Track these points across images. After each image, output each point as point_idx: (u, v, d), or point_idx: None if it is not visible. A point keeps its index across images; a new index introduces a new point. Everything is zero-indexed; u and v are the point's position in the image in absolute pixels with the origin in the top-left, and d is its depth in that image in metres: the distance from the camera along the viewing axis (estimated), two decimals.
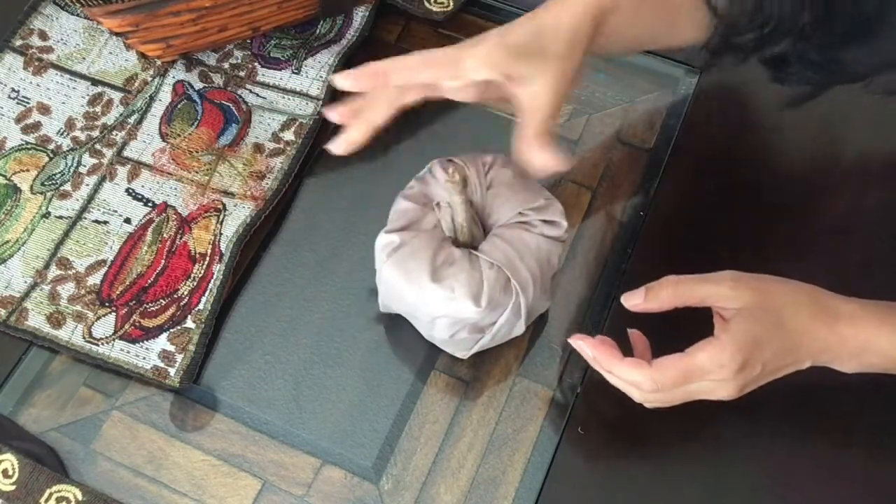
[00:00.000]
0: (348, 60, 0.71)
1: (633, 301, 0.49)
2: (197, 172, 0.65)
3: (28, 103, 0.68)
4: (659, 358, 0.47)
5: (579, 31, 0.48)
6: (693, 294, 0.48)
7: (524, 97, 0.48)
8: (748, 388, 0.47)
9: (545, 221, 0.54)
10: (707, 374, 0.46)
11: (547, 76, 0.47)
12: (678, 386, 0.47)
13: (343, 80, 0.50)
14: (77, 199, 0.64)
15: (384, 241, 0.53)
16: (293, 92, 0.69)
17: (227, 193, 0.64)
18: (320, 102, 0.68)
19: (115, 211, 0.64)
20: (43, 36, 0.71)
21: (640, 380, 0.47)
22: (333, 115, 0.52)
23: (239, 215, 0.63)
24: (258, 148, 0.66)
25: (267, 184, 0.65)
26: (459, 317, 0.52)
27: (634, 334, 0.52)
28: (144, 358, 0.58)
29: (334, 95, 0.69)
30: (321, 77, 0.69)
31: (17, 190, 0.65)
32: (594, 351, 0.49)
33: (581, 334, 0.51)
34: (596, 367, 0.50)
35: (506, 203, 0.54)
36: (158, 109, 0.68)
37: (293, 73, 0.70)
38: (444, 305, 0.51)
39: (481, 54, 0.47)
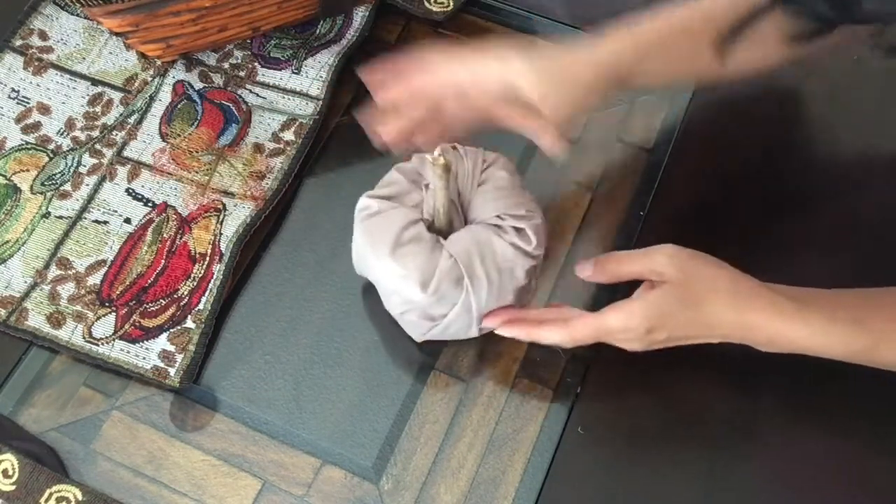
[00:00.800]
0: (348, 60, 0.71)
1: (585, 272, 0.53)
2: (197, 172, 0.65)
3: (28, 103, 0.68)
4: (573, 319, 0.51)
5: (591, 88, 0.53)
6: (632, 268, 0.52)
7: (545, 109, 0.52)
8: (653, 347, 0.52)
9: (518, 230, 0.53)
10: (616, 333, 0.51)
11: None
12: (592, 340, 0.52)
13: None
14: (77, 199, 0.64)
15: (363, 203, 0.55)
16: (293, 92, 0.69)
17: (227, 193, 0.64)
18: (320, 102, 0.68)
19: (115, 211, 0.64)
20: (43, 36, 0.71)
21: (560, 339, 0.52)
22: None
23: (239, 215, 0.63)
24: (258, 148, 0.66)
25: (267, 184, 0.65)
26: (408, 297, 0.53)
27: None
28: (144, 358, 0.58)
29: (334, 96, 0.69)
30: (321, 77, 0.69)
31: (17, 190, 0.65)
32: (513, 330, 0.54)
33: (492, 317, 0.54)
34: (521, 338, 0.54)
35: (489, 203, 0.54)
36: (158, 109, 0.68)
37: (293, 73, 0.70)
38: (396, 281, 0.52)
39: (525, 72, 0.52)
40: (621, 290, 0.52)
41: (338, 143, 0.68)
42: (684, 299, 0.49)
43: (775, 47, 0.55)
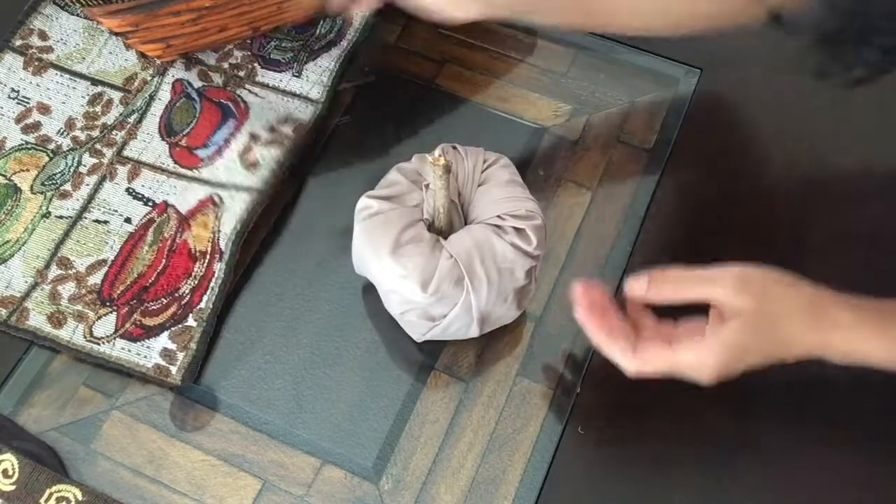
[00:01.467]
0: (349, 63, 0.71)
1: (636, 290, 0.49)
2: (195, 168, 0.65)
3: (28, 103, 0.68)
4: (645, 346, 0.48)
5: None
6: (694, 292, 0.48)
7: None
8: (726, 379, 0.48)
9: (518, 230, 0.54)
10: (689, 370, 0.48)
11: None
12: (658, 374, 0.49)
13: None
14: (77, 199, 0.64)
15: (363, 203, 0.55)
16: (293, 94, 0.69)
17: (222, 186, 0.64)
18: (321, 105, 0.68)
19: (116, 210, 0.64)
20: (43, 36, 0.71)
21: (625, 366, 0.49)
22: None
23: (235, 209, 0.63)
24: (254, 138, 0.66)
25: (262, 173, 0.64)
26: (408, 297, 0.53)
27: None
28: (146, 356, 0.58)
29: (335, 100, 0.69)
30: (322, 81, 0.69)
31: (17, 190, 0.65)
32: (586, 318, 0.50)
33: (583, 287, 0.50)
34: (588, 332, 0.51)
35: (490, 203, 0.54)
36: (158, 109, 0.68)
37: (293, 76, 0.70)
38: (396, 281, 0.52)
39: None
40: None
41: (338, 143, 0.68)
42: (761, 329, 0.46)
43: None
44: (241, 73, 0.70)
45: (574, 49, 0.72)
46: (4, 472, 0.54)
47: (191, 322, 0.59)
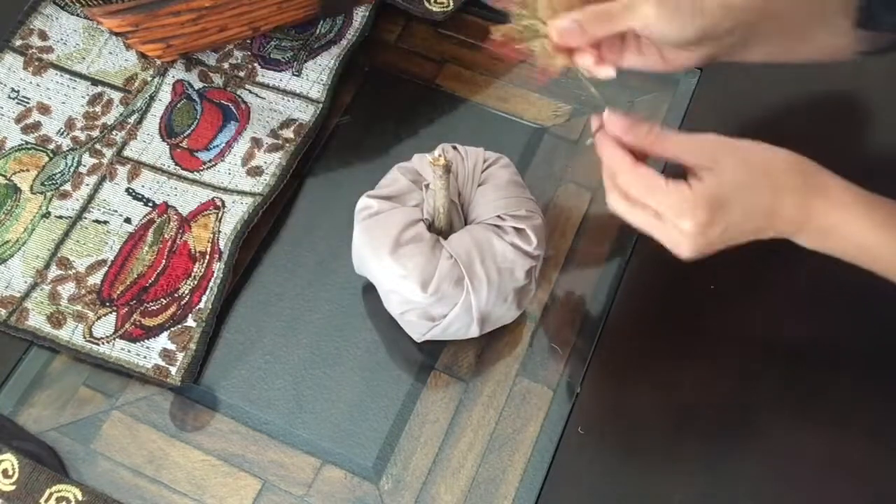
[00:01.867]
0: (349, 62, 0.71)
1: (613, 127, 0.47)
2: (196, 171, 0.65)
3: (28, 103, 0.68)
4: (643, 166, 0.46)
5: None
6: (672, 142, 0.46)
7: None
8: (706, 250, 0.46)
9: (517, 230, 0.54)
10: (667, 208, 0.45)
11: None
12: (638, 205, 0.46)
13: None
14: (77, 199, 0.64)
15: (363, 203, 0.55)
16: (293, 94, 0.69)
17: (225, 190, 0.64)
18: (321, 105, 0.68)
19: (116, 211, 0.64)
20: (43, 36, 0.71)
21: (616, 171, 0.47)
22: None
23: (237, 212, 0.63)
24: (256, 143, 0.66)
25: (265, 179, 0.65)
26: (408, 297, 0.53)
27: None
28: (145, 357, 0.58)
29: (335, 97, 0.69)
30: (322, 80, 0.69)
31: (17, 190, 0.65)
32: (610, 119, 0.47)
33: (615, 116, 0.47)
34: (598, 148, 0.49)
35: (490, 203, 0.54)
36: (158, 109, 0.68)
37: (293, 75, 0.70)
38: (396, 281, 0.52)
39: None
40: (616, 306, 0.51)
41: (338, 143, 0.68)
42: (743, 182, 0.44)
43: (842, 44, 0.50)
44: (241, 74, 0.70)
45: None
46: (4, 472, 0.54)
47: (190, 322, 0.59)
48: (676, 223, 0.45)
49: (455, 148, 0.56)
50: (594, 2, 0.47)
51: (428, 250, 0.52)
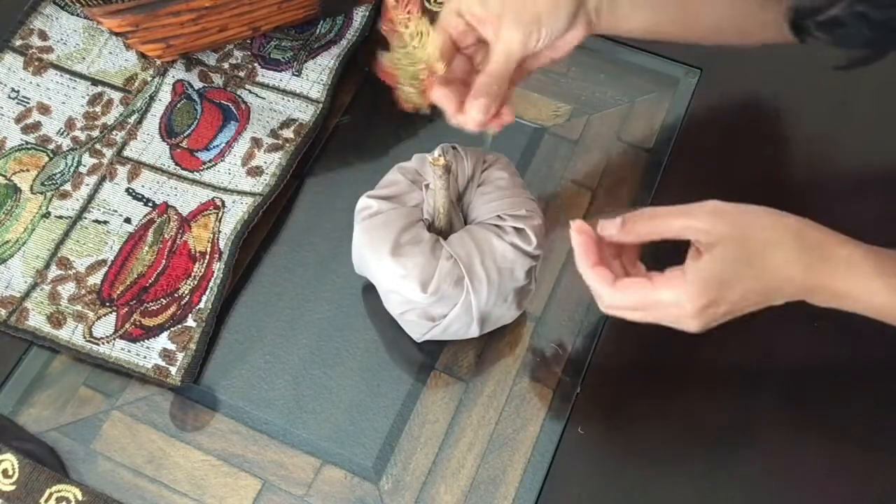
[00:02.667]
0: (349, 62, 0.71)
1: (609, 231, 0.47)
2: (196, 171, 0.65)
3: (28, 103, 0.68)
4: (625, 279, 0.46)
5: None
6: (669, 227, 0.45)
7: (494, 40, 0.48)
8: (712, 325, 0.45)
9: (518, 230, 0.53)
10: (667, 308, 0.44)
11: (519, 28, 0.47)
12: (637, 311, 0.46)
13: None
14: (77, 199, 0.64)
15: (362, 203, 0.55)
16: (293, 94, 0.69)
17: (225, 190, 0.64)
18: (321, 105, 0.68)
19: (116, 211, 0.64)
20: (43, 36, 0.71)
21: (601, 294, 0.46)
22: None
23: (237, 212, 0.63)
24: (256, 143, 0.66)
25: (265, 180, 0.65)
26: (408, 297, 0.53)
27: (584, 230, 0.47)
28: (145, 357, 0.58)
29: (335, 96, 0.69)
30: (322, 80, 0.69)
31: (17, 190, 0.65)
32: (577, 242, 0.47)
33: (581, 223, 0.47)
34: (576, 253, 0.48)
35: (489, 203, 0.54)
36: (158, 109, 0.68)
37: (293, 75, 0.70)
38: (396, 282, 0.52)
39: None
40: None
41: (338, 143, 0.68)
42: (743, 259, 0.43)
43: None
44: (241, 74, 0.70)
45: (574, 49, 0.71)
46: (4, 472, 0.54)
47: (190, 322, 0.59)
48: (677, 315, 0.44)
49: (455, 148, 0.56)
50: (467, 48, 0.50)
51: (428, 250, 0.52)
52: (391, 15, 0.49)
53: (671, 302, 0.44)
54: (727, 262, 0.43)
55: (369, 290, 0.60)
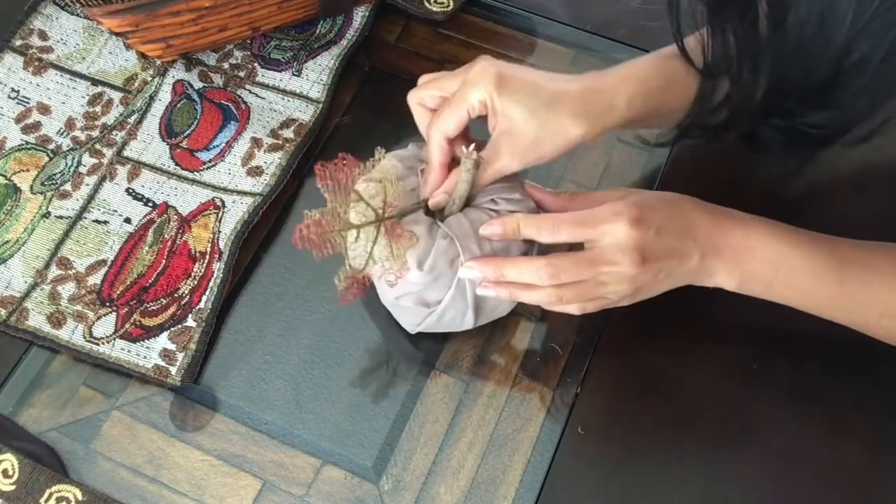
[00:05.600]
0: (349, 62, 0.71)
1: (540, 195, 0.53)
2: (196, 171, 0.65)
3: (28, 103, 0.68)
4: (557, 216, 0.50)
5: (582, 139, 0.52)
6: (586, 197, 0.51)
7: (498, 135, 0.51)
8: (643, 289, 0.50)
9: (512, 213, 0.52)
10: (603, 223, 0.48)
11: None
12: (575, 266, 0.49)
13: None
14: (77, 199, 0.64)
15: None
16: (293, 94, 0.69)
17: (225, 190, 0.64)
18: (321, 105, 0.68)
19: (116, 211, 0.64)
20: (43, 36, 0.71)
21: (537, 267, 0.49)
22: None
23: (237, 212, 0.63)
24: (256, 143, 0.66)
25: (265, 179, 0.65)
26: (404, 278, 0.52)
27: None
28: (145, 357, 0.58)
29: (335, 98, 0.69)
30: (322, 80, 0.69)
31: (17, 190, 0.65)
32: (482, 267, 0.51)
33: (470, 263, 0.51)
34: (491, 288, 0.52)
35: (486, 190, 0.54)
36: (158, 109, 0.68)
37: (293, 75, 0.70)
38: None
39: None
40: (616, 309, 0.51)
41: (338, 143, 0.68)
42: (661, 199, 0.50)
43: None
44: (241, 74, 0.70)
45: (574, 49, 0.72)
46: (4, 472, 0.54)
47: (190, 322, 0.59)
48: (611, 243, 0.48)
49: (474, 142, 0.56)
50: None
51: (425, 231, 0.52)
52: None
53: (605, 214, 0.48)
54: (647, 196, 0.50)
55: (369, 290, 0.60)
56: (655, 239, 0.48)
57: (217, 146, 0.66)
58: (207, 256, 0.62)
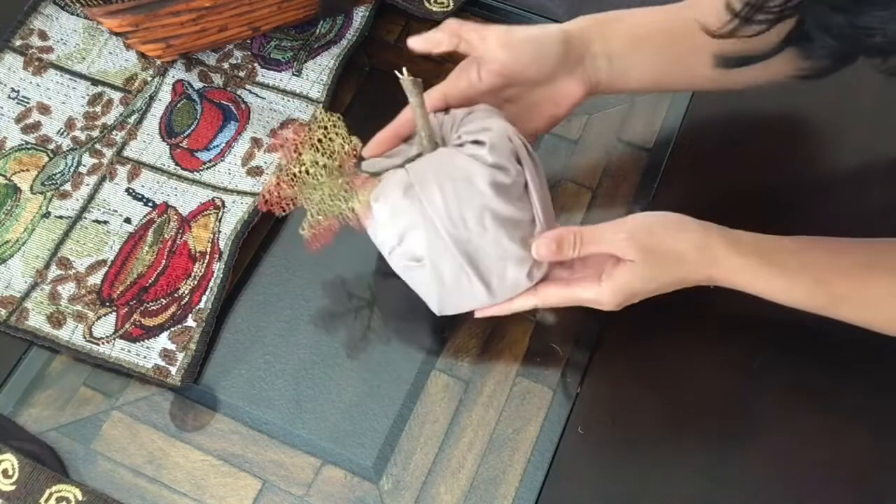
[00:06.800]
0: (349, 62, 0.71)
1: (543, 256, 0.52)
2: (196, 171, 0.65)
3: (28, 103, 0.68)
4: (545, 285, 0.53)
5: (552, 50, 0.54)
6: (590, 249, 0.52)
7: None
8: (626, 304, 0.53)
9: (475, 143, 0.51)
10: (588, 304, 0.53)
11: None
12: (561, 305, 0.54)
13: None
14: (77, 199, 0.64)
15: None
16: (293, 94, 0.69)
17: (225, 190, 0.64)
18: (321, 105, 0.68)
19: (116, 211, 0.64)
20: (43, 36, 0.71)
21: (532, 304, 0.54)
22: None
23: (237, 212, 0.63)
24: (256, 143, 0.66)
25: (265, 179, 0.65)
26: (376, 224, 0.52)
27: None
28: (145, 357, 0.58)
29: (335, 98, 0.69)
30: (322, 80, 0.69)
31: (17, 190, 0.65)
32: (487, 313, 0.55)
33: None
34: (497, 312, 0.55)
35: (456, 131, 0.53)
36: (158, 109, 0.68)
37: (293, 75, 0.70)
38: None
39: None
40: None
41: None
42: (650, 275, 0.51)
43: (780, 68, 0.52)
44: (242, 74, 0.70)
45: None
46: (4, 472, 0.54)
47: (190, 322, 0.59)
48: (600, 307, 0.53)
49: (446, 111, 0.56)
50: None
51: (391, 174, 0.52)
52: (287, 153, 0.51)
53: (592, 301, 0.52)
54: (636, 279, 0.51)
55: (370, 289, 0.60)
56: (638, 300, 0.53)
57: (217, 146, 0.66)
58: (207, 256, 0.62)
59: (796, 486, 0.55)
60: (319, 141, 0.52)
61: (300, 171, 0.51)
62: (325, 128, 0.52)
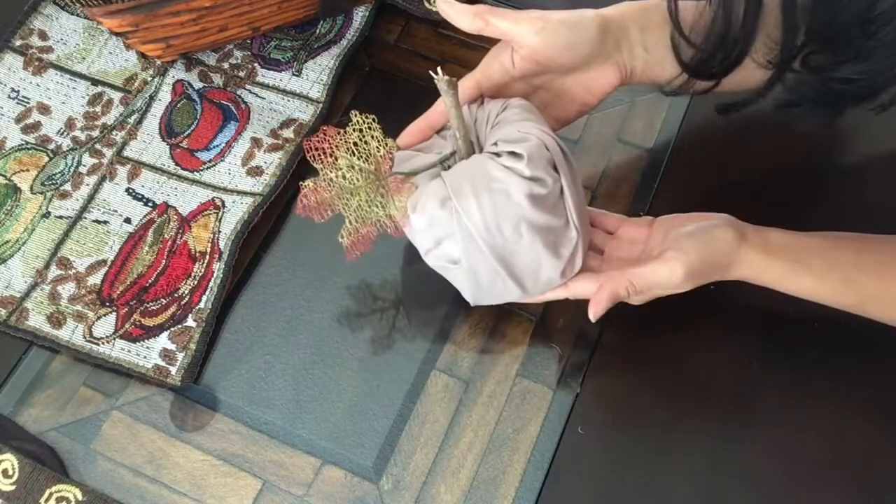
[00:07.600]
0: (349, 62, 0.71)
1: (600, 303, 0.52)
2: (196, 171, 0.65)
3: (28, 103, 0.69)
4: (575, 278, 0.53)
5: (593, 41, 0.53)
6: (646, 297, 0.53)
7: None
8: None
9: (511, 153, 0.50)
10: (656, 289, 0.52)
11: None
12: (628, 295, 0.53)
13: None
14: (77, 199, 0.64)
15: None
16: (293, 94, 0.69)
17: (225, 190, 0.64)
18: (321, 105, 0.68)
19: (116, 211, 0.64)
20: (43, 36, 0.71)
21: (563, 296, 0.54)
22: None
23: (237, 212, 0.63)
24: (256, 143, 0.66)
25: (265, 179, 0.65)
26: (414, 230, 0.52)
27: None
28: (145, 357, 0.58)
29: (335, 98, 0.69)
30: (322, 80, 0.69)
31: (17, 190, 0.65)
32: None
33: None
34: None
35: (491, 136, 0.52)
36: (158, 109, 0.68)
37: (293, 75, 0.70)
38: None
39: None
40: (618, 305, 0.52)
41: None
42: (691, 285, 0.52)
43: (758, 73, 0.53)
44: (242, 74, 0.70)
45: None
46: (4, 472, 0.54)
47: (190, 322, 0.59)
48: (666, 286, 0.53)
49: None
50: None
51: (428, 180, 0.51)
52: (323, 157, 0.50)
53: (661, 279, 0.52)
54: (696, 259, 0.52)
55: (370, 289, 0.60)
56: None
57: (217, 146, 0.66)
58: (207, 256, 0.62)
59: (797, 485, 0.55)
60: (355, 144, 0.50)
61: (337, 176, 0.50)
62: (361, 130, 0.51)
